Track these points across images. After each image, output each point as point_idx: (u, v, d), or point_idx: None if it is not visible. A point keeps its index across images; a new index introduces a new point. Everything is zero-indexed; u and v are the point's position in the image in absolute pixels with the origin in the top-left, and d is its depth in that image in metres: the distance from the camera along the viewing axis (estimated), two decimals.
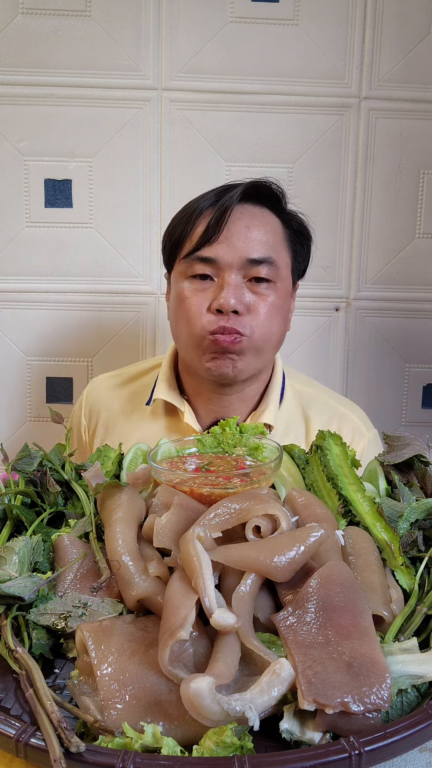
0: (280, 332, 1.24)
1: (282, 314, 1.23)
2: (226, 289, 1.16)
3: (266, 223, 1.21)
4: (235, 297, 1.16)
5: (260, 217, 1.21)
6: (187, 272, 1.21)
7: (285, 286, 1.24)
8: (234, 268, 1.17)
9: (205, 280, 1.19)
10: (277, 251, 1.21)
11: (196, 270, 1.19)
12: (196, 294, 1.19)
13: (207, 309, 1.18)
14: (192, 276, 1.20)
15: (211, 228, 1.17)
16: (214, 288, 1.19)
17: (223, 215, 1.17)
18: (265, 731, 0.52)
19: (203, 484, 0.77)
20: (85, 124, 1.71)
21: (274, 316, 1.20)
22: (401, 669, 0.56)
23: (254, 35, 1.69)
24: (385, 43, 1.71)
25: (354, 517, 0.78)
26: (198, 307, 1.18)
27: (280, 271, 1.21)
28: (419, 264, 1.83)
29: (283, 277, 1.22)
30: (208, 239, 1.17)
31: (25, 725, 0.52)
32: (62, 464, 0.93)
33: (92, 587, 0.68)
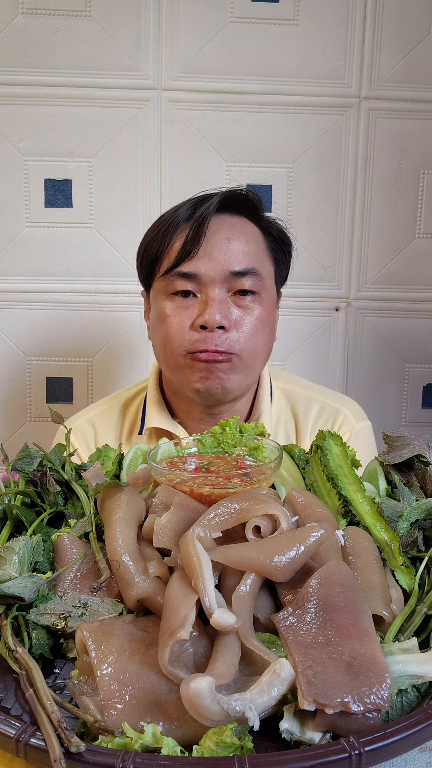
0: (267, 345, 1.21)
1: (269, 326, 1.20)
2: (211, 305, 1.12)
3: (246, 233, 1.17)
4: (220, 312, 1.11)
5: (239, 227, 1.17)
6: (168, 289, 1.16)
7: (270, 297, 1.20)
8: (217, 282, 1.13)
9: (187, 297, 1.15)
10: (260, 261, 1.17)
11: (176, 287, 1.14)
12: (179, 312, 1.14)
13: (190, 326, 1.13)
14: (173, 293, 1.15)
15: (189, 242, 1.12)
16: (198, 304, 1.14)
17: (201, 227, 1.12)
18: (265, 731, 0.52)
19: (203, 484, 0.77)
20: (85, 124, 1.71)
21: (260, 330, 1.16)
22: (401, 669, 0.56)
23: (254, 35, 1.69)
24: (385, 43, 1.71)
25: (354, 517, 0.78)
26: (180, 326, 1.14)
27: (265, 282, 1.18)
28: (419, 264, 1.83)
29: (268, 287, 1.19)
30: (188, 254, 1.12)
31: (25, 725, 0.52)
32: (62, 464, 0.93)
33: (92, 587, 0.68)
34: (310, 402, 1.32)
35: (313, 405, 1.31)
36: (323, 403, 1.32)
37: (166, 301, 1.16)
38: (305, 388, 1.35)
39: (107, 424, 1.33)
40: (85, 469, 0.93)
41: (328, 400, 1.33)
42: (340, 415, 1.31)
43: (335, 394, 1.39)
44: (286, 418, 1.31)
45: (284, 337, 1.29)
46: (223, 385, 1.15)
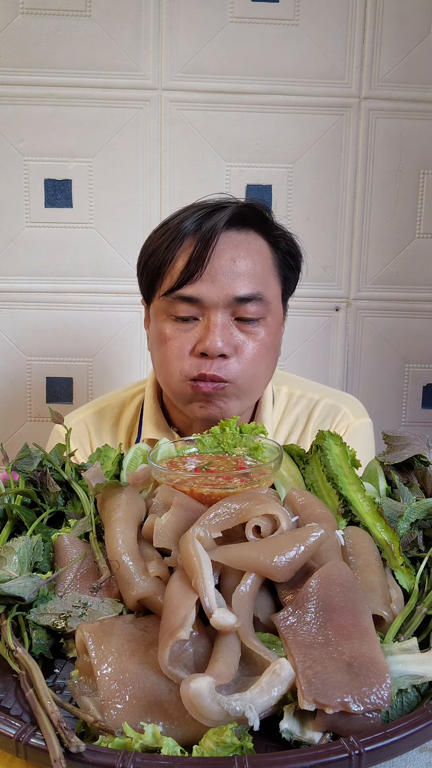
0: (269, 370, 1.16)
1: (272, 350, 1.15)
2: (213, 331, 1.07)
3: (253, 251, 1.10)
4: (222, 340, 1.06)
5: (246, 246, 1.10)
6: (169, 311, 1.10)
7: (275, 319, 1.15)
8: (220, 307, 1.08)
9: (188, 321, 1.10)
10: (266, 283, 1.12)
11: (178, 311, 1.09)
12: (180, 335, 1.10)
13: (190, 351, 1.09)
14: (175, 317, 1.10)
15: (192, 262, 1.06)
16: (200, 329, 1.09)
17: (207, 247, 1.06)
18: (265, 731, 0.52)
19: (203, 484, 0.77)
20: (85, 124, 1.71)
21: (263, 356, 1.12)
22: (401, 669, 0.56)
23: (254, 35, 1.69)
24: (385, 43, 1.71)
25: (354, 517, 0.78)
26: (180, 350, 1.09)
27: (270, 306, 1.12)
28: (419, 264, 1.83)
29: (273, 309, 1.14)
30: (191, 276, 1.06)
31: (25, 725, 0.52)
32: (62, 464, 0.93)
33: (92, 587, 0.68)
34: (310, 402, 1.30)
35: (312, 405, 1.30)
36: (323, 402, 1.30)
37: (167, 323, 1.11)
38: (305, 389, 1.34)
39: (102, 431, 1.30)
40: (85, 469, 0.93)
41: (328, 399, 1.31)
42: (339, 412, 1.30)
43: (335, 391, 1.38)
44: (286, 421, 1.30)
45: (284, 337, 1.29)
46: (222, 414, 1.12)
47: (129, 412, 1.31)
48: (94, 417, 1.31)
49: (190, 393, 1.11)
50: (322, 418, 1.29)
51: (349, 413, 1.30)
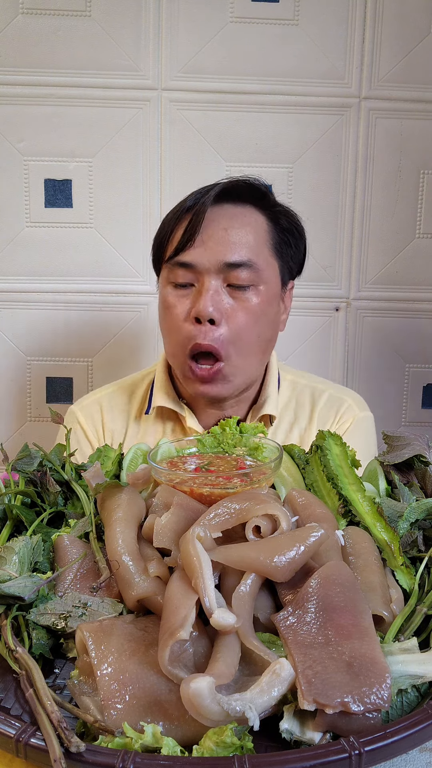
0: (262, 338, 1.20)
1: (268, 318, 1.20)
2: (204, 295, 1.13)
3: (247, 223, 1.17)
4: (212, 304, 1.13)
5: (240, 218, 1.17)
6: (170, 278, 1.19)
7: (270, 289, 1.19)
8: (212, 272, 1.14)
9: (186, 287, 1.17)
10: (259, 253, 1.17)
11: (177, 277, 1.17)
12: (179, 301, 1.17)
13: (185, 317, 1.16)
14: (173, 282, 1.18)
15: (187, 232, 1.14)
16: (194, 294, 1.16)
17: (199, 217, 1.13)
18: (265, 731, 0.52)
19: (203, 484, 0.77)
20: (85, 124, 1.71)
21: (254, 322, 1.17)
22: (401, 669, 0.56)
23: (254, 35, 1.69)
24: (385, 43, 1.71)
25: (354, 517, 0.78)
26: (179, 316, 1.16)
27: (262, 274, 1.17)
28: (419, 264, 1.83)
29: (267, 278, 1.18)
30: (185, 243, 1.14)
31: (25, 725, 0.52)
32: (62, 464, 0.93)
33: (92, 587, 0.68)
34: (314, 391, 1.35)
35: (317, 394, 1.34)
36: (327, 392, 1.35)
37: (168, 288, 1.19)
38: (311, 380, 1.38)
39: (114, 405, 1.35)
40: (85, 469, 0.94)
41: (333, 390, 1.36)
42: (344, 404, 1.33)
43: (337, 385, 1.42)
44: (291, 405, 1.34)
45: (284, 337, 1.29)
46: (219, 392, 1.19)
47: (141, 389, 1.37)
48: (108, 396, 1.37)
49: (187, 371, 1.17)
50: (327, 407, 1.33)
51: (354, 405, 1.34)
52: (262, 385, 1.31)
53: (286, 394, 1.34)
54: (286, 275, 1.25)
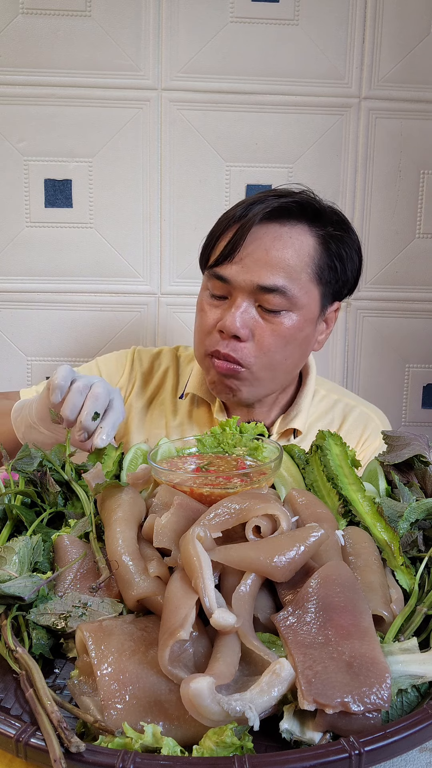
0: (289, 361, 1.18)
1: (295, 342, 1.16)
2: (233, 312, 1.13)
3: (290, 245, 1.13)
4: (240, 321, 1.12)
5: (285, 239, 1.13)
6: (208, 285, 1.20)
7: (306, 314, 1.16)
8: (245, 291, 1.13)
9: (219, 299, 1.18)
10: (296, 278, 1.13)
11: (213, 287, 1.18)
12: (211, 309, 1.18)
13: (213, 326, 1.17)
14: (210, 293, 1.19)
15: (228, 246, 1.14)
16: (225, 307, 1.17)
17: (242, 235, 1.12)
18: (265, 731, 0.52)
19: (203, 484, 0.77)
20: (85, 124, 1.71)
21: (281, 346, 1.15)
22: (401, 669, 0.56)
23: (254, 35, 1.69)
24: (385, 43, 1.71)
25: (354, 517, 0.78)
26: (207, 323, 1.18)
27: (297, 301, 1.14)
28: (419, 264, 1.83)
29: (302, 305, 1.15)
30: (224, 258, 1.14)
31: (25, 725, 0.52)
32: (62, 464, 0.93)
33: (91, 587, 0.68)
34: (346, 407, 1.36)
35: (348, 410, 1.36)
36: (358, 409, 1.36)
37: (205, 295, 1.21)
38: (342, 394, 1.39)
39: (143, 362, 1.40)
40: (86, 469, 0.94)
41: (363, 407, 1.37)
42: (371, 422, 1.35)
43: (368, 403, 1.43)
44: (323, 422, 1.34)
45: None
46: (234, 395, 1.19)
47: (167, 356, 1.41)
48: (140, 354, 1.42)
49: (207, 366, 1.19)
50: (355, 424, 1.34)
51: (381, 427, 1.35)
52: (296, 395, 1.31)
53: (320, 408, 1.34)
54: (328, 299, 1.21)
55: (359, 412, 1.35)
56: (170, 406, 1.33)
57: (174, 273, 1.78)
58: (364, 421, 1.34)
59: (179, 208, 1.75)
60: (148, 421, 1.34)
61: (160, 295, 1.79)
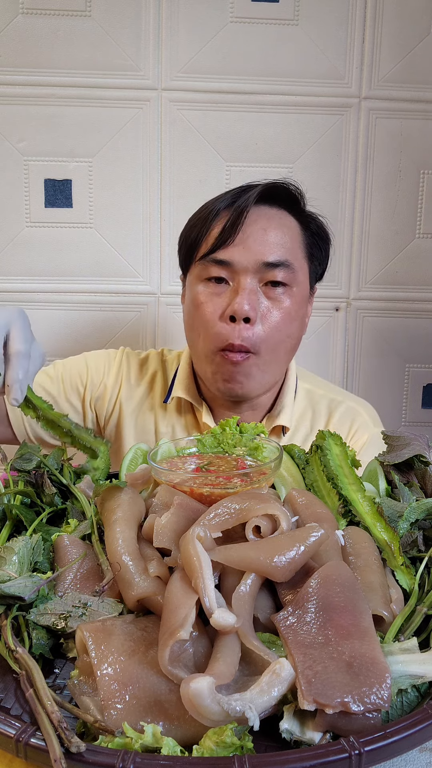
0: (292, 339, 1.21)
1: (297, 320, 1.21)
2: (241, 294, 1.13)
3: (283, 225, 1.18)
4: (249, 303, 1.13)
5: (277, 219, 1.18)
6: (203, 275, 1.18)
7: (301, 291, 1.21)
8: (250, 271, 1.15)
9: (220, 284, 1.17)
10: (295, 255, 1.18)
11: (211, 273, 1.17)
12: (212, 299, 1.17)
13: (220, 316, 1.15)
14: (207, 279, 1.18)
15: (227, 230, 1.15)
16: (229, 292, 1.16)
17: (240, 217, 1.14)
18: (265, 731, 0.52)
19: (203, 484, 0.77)
20: (85, 124, 1.71)
21: (287, 323, 1.18)
22: (401, 669, 0.56)
23: (254, 35, 1.69)
24: (385, 43, 1.71)
25: (354, 517, 0.78)
26: (212, 315, 1.16)
27: (297, 275, 1.18)
28: (419, 264, 1.83)
29: (300, 281, 1.20)
30: (224, 241, 1.15)
31: (25, 725, 0.52)
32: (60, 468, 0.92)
33: (95, 591, 0.68)
34: (332, 402, 1.35)
35: (333, 405, 1.35)
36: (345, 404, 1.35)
37: (200, 286, 1.19)
38: (328, 390, 1.39)
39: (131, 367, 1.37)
40: (86, 471, 0.94)
41: (350, 402, 1.36)
42: (359, 417, 1.34)
43: (355, 397, 1.42)
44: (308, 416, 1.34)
45: None
46: (243, 389, 1.19)
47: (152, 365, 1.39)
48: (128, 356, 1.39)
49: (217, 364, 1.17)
50: (342, 420, 1.33)
51: (369, 421, 1.34)
52: (279, 393, 1.31)
53: (302, 404, 1.34)
54: (313, 279, 1.27)
55: (346, 407, 1.34)
56: (160, 412, 1.32)
57: (174, 273, 1.78)
58: (352, 415, 1.33)
59: (179, 208, 1.75)
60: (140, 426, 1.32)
61: (160, 295, 1.79)
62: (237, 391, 1.19)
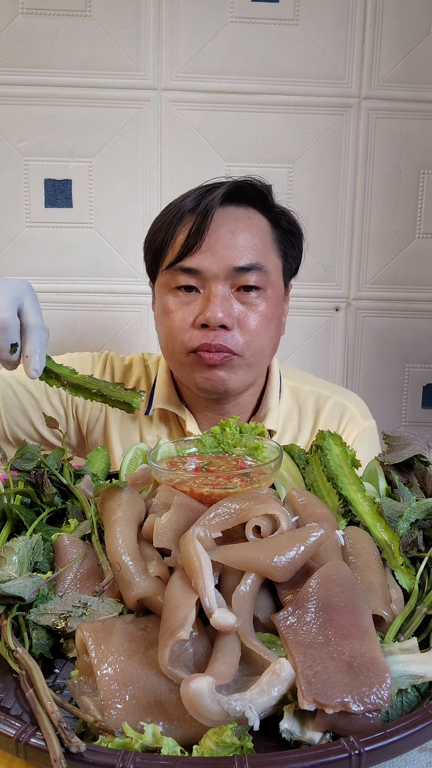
0: (273, 341, 1.18)
1: (274, 322, 1.17)
2: (213, 302, 1.09)
3: (252, 225, 1.13)
4: (222, 310, 1.08)
5: (245, 220, 1.13)
6: (171, 284, 1.13)
7: (276, 292, 1.16)
8: (220, 278, 1.10)
9: (190, 292, 1.12)
10: (266, 255, 1.13)
11: (179, 281, 1.11)
12: (182, 307, 1.12)
13: (192, 324, 1.11)
14: (176, 287, 1.12)
15: (192, 236, 1.09)
16: (201, 300, 1.11)
17: (204, 221, 1.09)
18: (265, 731, 0.52)
19: (203, 484, 0.77)
20: (85, 124, 1.71)
21: (265, 327, 1.13)
22: (401, 669, 0.56)
23: (254, 35, 1.69)
24: (385, 43, 1.71)
25: (354, 517, 0.78)
26: (182, 322, 1.11)
27: (270, 277, 1.14)
28: (419, 264, 1.83)
29: (274, 282, 1.15)
30: (190, 248, 1.09)
31: (25, 725, 0.52)
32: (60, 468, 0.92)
33: (95, 592, 0.68)
34: (319, 398, 1.31)
35: (321, 401, 1.31)
36: (332, 399, 1.31)
37: (169, 295, 1.14)
38: (314, 385, 1.35)
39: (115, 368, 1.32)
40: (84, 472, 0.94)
41: (337, 396, 1.32)
42: (347, 412, 1.30)
43: (340, 389, 1.38)
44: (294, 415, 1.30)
45: (284, 337, 1.28)
46: (225, 386, 1.14)
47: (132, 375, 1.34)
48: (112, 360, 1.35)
49: (192, 364, 1.13)
50: (331, 416, 1.30)
51: (357, 415, 1.31)
52: (262, 395, 1.27)
53: (288, 403, 1.30)
54: (288, 276, 1.22)
55: (333, 402, 1.30)
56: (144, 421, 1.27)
57: None
58: (340, 411, 1.30)
59: None
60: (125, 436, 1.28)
61: None
62: (217, 388, 1.13)
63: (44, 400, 1.28)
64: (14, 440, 1.27)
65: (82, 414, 1.30)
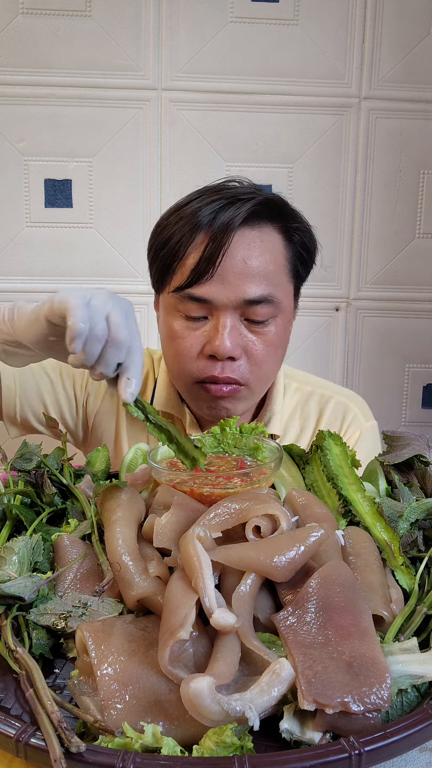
0: (278, 365, 1.16)
1: (282, 346, 1.14)
2: (221, 333, 1.04)
3: (266, 250, 1.07)
4: (231, 341, 1.04)
5: (259, 244, 1.06)
6: (179, 308, 1.08)
7: (285, 316, 1.12)
8: (229, 308, 1.05)
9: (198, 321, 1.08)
10: (277, 283, 1.08)
11: (188, 310, 1.07)
12: (189, 333, 1.08)
13: (199, 352, 1.07)
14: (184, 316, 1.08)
15: (203, 261, 1.03)
16: (209, 329, 1.07)
17: (220, 247, 1.02)
18: (265, 731, 0.52)
19: (203, 484, 0.77)
20: (85, 124, 1.71)
21: (273, 354, 1.10)
22: (401, 669, 0.56)
23: (254, 35, 1.69)
24: (385, 43, 1.72)
25: (354, 517, 0.78)
26: (190, 350, 1.07)
27: (281, 305, 1.09)
28: (419, 264, 1.83)
29: (284, 307, 1.11)
30: (201, 275, 1.03)
31: (25, 725, 0.52)
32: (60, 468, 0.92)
33: (94, 592, 0.68)
34: (321, 399, 1.30)
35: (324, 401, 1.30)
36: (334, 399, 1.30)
37: (177, 320, 1.09)
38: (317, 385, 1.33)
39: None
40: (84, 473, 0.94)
41: (339, 396, 1.31)
42: (350, 413, 1.30)
43: (341, 389, 1.37)
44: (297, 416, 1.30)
45: None
46: (228, 414, 1.11)
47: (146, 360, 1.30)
48: None
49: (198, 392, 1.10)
50: (333, 415, 1.29)
51: (360, 415, 1.30)
52: (266, 399, 1.25)
53: (291, 403, 1.29)
54: (297, 294, 1.18)
55: (335, 402, 1.29)
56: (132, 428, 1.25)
57: None
58: (342, 411, 1.28)
59: None
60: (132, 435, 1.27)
61: None
62: (223, 415, 1.10)
63: (59, 385, 1.24)
64: (22, 422, 1.23)
65: (92, 405, 1.28)
